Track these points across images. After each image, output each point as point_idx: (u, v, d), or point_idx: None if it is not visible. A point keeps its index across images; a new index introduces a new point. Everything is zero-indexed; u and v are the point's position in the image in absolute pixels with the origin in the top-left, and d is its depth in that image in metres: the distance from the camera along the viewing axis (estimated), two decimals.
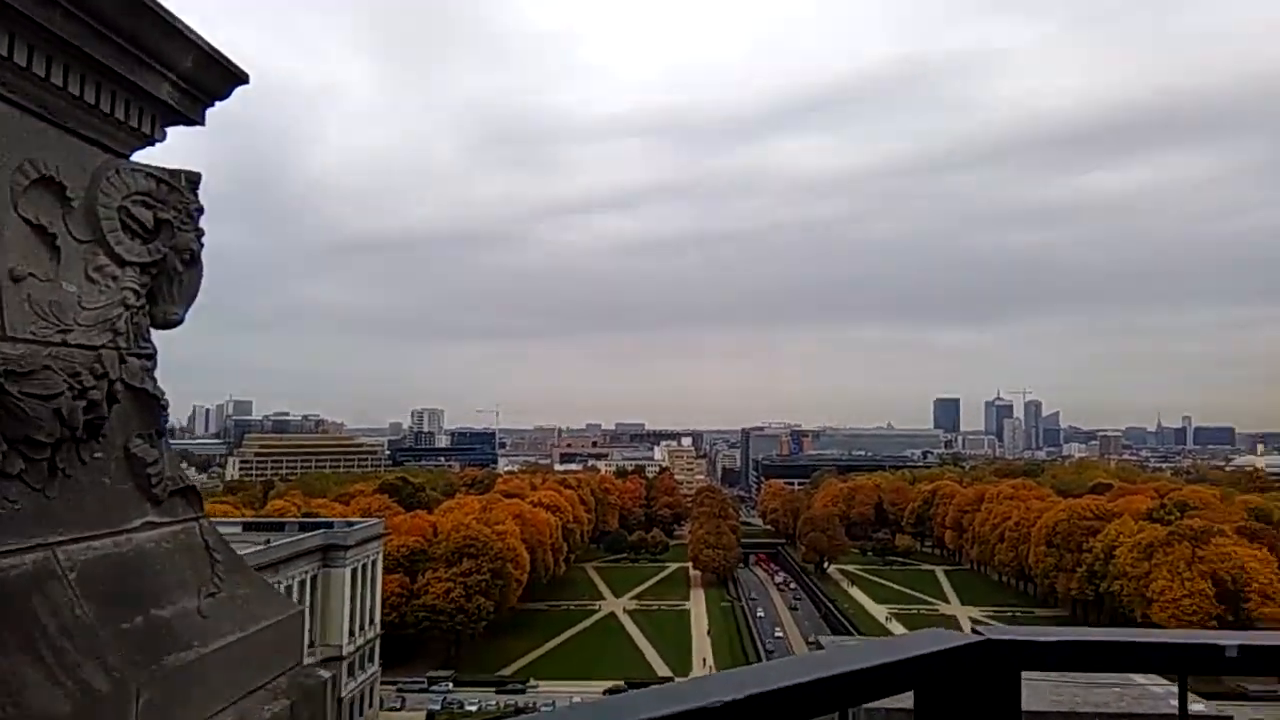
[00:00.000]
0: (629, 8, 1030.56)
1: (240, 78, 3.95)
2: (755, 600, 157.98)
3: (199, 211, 3.66)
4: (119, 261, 3.31)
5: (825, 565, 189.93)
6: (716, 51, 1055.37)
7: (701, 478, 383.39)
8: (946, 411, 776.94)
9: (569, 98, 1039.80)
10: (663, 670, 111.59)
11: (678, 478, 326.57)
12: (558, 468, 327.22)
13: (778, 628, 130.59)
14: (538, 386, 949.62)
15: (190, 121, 3.88)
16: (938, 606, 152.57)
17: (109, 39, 3.18)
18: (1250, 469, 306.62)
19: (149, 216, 3.43)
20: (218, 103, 4.00)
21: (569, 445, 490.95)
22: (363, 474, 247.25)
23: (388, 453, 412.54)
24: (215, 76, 3.82)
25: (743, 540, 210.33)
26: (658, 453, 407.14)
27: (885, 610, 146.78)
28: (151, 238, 3.45)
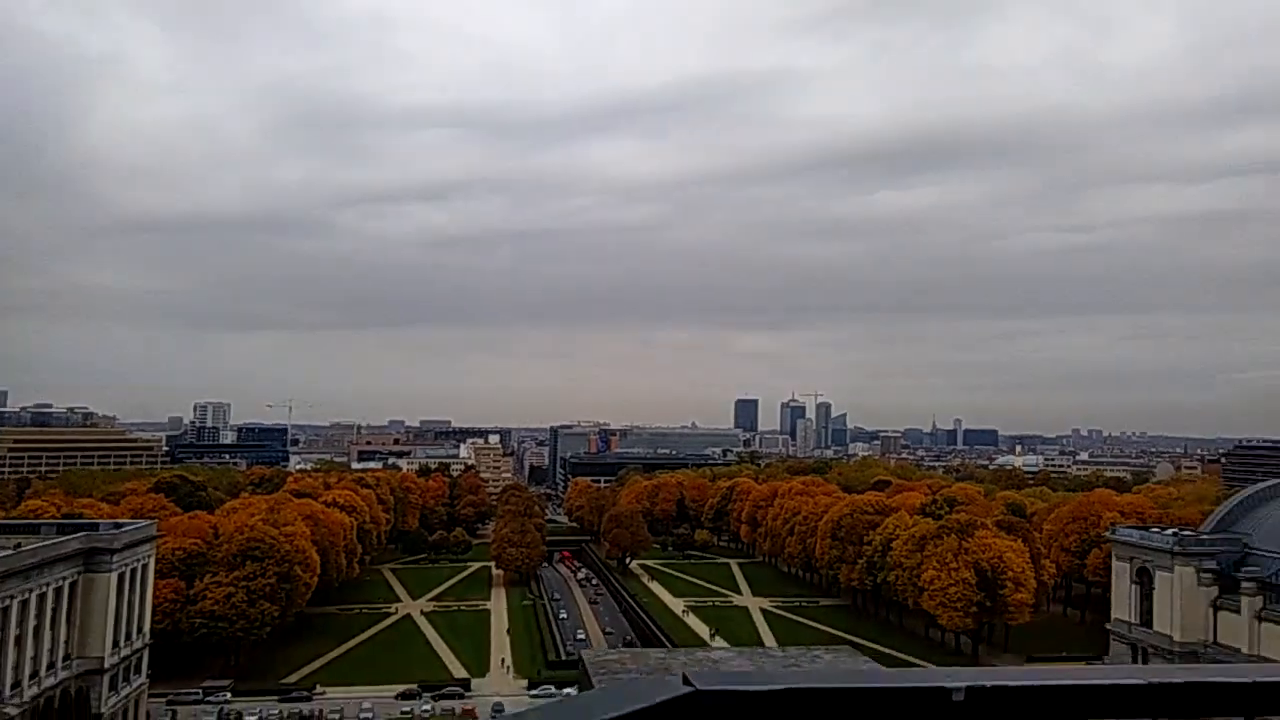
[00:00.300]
0: None
1: None
2: (559, 600, 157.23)
3: None
4: None
5: (627, 561, 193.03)
6: (534, 49, 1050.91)
7: (509, 476, 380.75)
8: (746, 412, 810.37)
9: (379, 84, 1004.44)
10: (459, 672, 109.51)
11: (484, 476, 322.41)
12: (355, 466, 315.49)
13: (580, 630, 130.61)
14: (336, 381, 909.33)
15: None
16: (731, 598, 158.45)
17: None
18: (1010, 468, 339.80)
19: None
20: None
21: (369, 443, 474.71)
22: (137, 472, 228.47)
23: (166, 449, 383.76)
24: None
25: (548, 538, 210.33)
26: (464, 450, 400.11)
27: (682, 603, 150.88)
28: None
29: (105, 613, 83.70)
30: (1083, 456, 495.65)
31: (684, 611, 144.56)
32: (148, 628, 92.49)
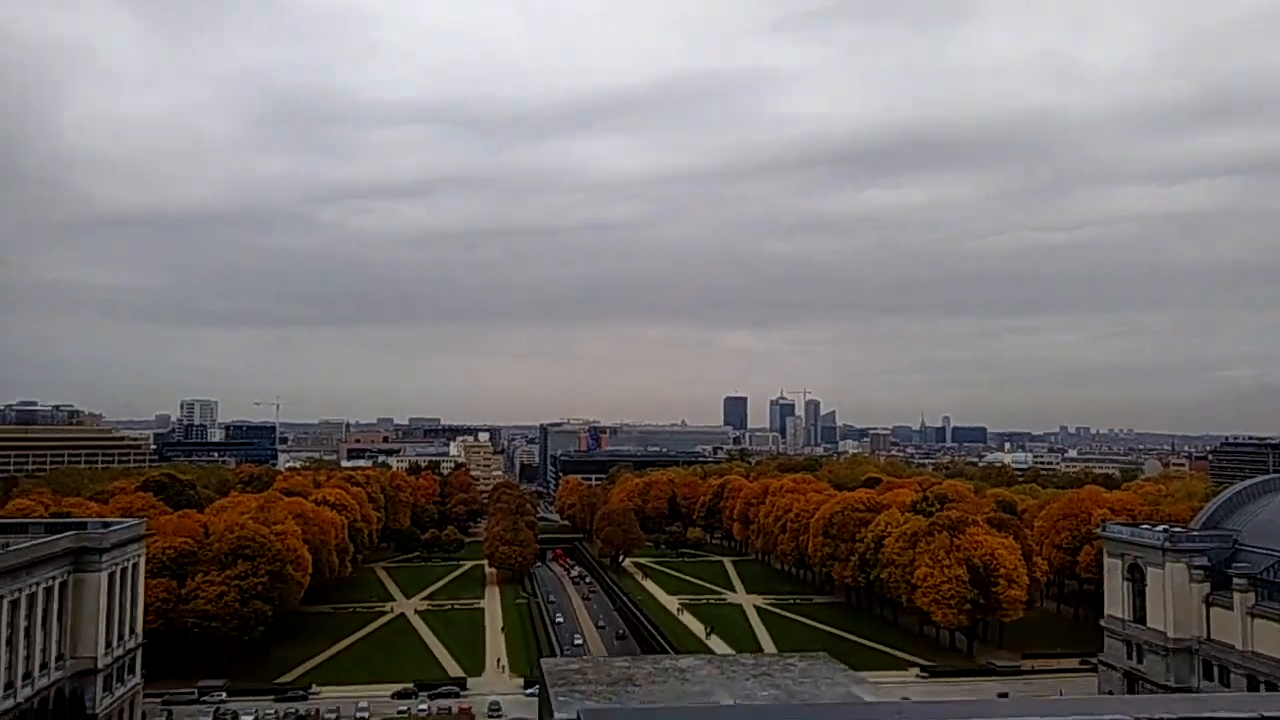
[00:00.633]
0: None
1: None
2: (554, 603, 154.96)
3: None
4: None
5: (620, 559, 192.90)
6: (517, 46, 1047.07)
7: (499, 474, 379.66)
8: (736, 409, 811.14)
9: (359, 79, 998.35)
10: (454, 670, 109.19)
11: (474, 474, 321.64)
12: (345, 464, 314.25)
13: (577, 635, 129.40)
14: (324, 378, 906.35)
15: None
16: (725, 596, 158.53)
17: None
18: (999, 465, 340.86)
19: None
20: None
21: (358, 440, 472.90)
22: (124, 470, 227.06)
23: (154, 447, 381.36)
24: None
25: (540, 536, 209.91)
26: (454, 448, 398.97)
27: (677, 601, 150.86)
28: None
29: (97, 612, 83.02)
30: (1071, 453, 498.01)
31: (679, 610, 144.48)
32: (140, 627, 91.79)
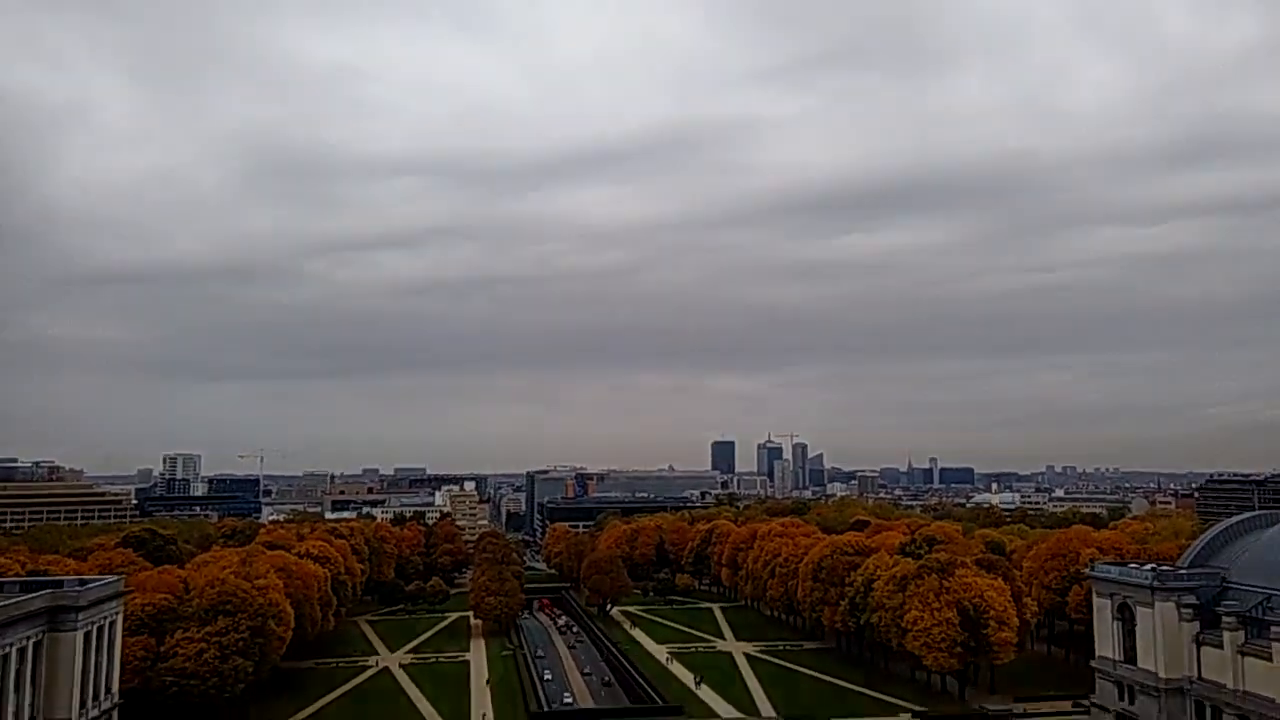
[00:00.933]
0: (413, 47, 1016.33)
1: None
2: (542, 658, 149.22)
3: None
4: None
5: (608, 607, 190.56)
6: (503, 98, 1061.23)
7: (485, 523, 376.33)
8: (723, 453, 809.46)
9: (347, 133, 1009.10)
10: None
11: (460, 523, 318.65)
12: (329, 516, 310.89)
13: (566, 693, 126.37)
14: (309, 431, 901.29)
15: None
16: (715, 644, 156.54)
17: None
18: (987, 505, 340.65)
19: None
20: None
21: (342, 492, 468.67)
22: (104, 526, 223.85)
23: (135, 502, 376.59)
24: None
25: (527, 585, 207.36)
26: (439, 498, 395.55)
27: (665, 650, 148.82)
28: None
29: (71, 672, 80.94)
30: (1059, 493, 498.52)
31: (668, 659, 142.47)
32: (116, 687, 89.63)
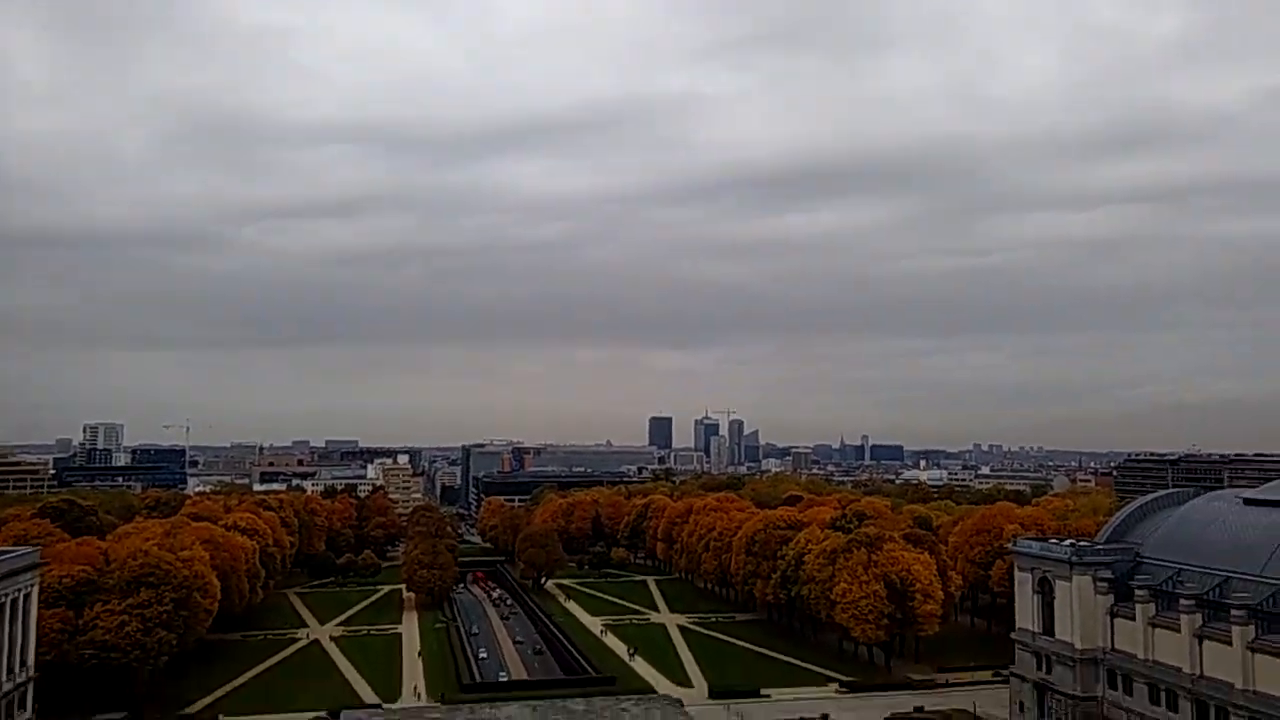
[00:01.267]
0: (348, 12, 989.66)
1: None
2: (476, 635, 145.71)
3: None
4: None
5: (543, 580, 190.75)
6: (442, 67, 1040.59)
7: (418, 496, 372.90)
8: (660, 429, 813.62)
9: (278, 99, 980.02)
10: (369, 697, 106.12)
11: (393, 496, 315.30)
12: (257, 488, 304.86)
13: (502, 671, 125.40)
14: (237, 402, 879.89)
15: None
16: (648, 616, 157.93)
17: None
18: (916, 482, 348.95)
19: None
20: None
21: (271, 464, 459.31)
22: (20, 497, 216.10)
23: (53, 472, 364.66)
24: None
25: (461, 559, 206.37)
26: (372, 471, 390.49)
27: (600, 622, 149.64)
28: None
29: None
30: (985, 470, 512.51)
31: (602, 631, 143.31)
32: (32, 660, 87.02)
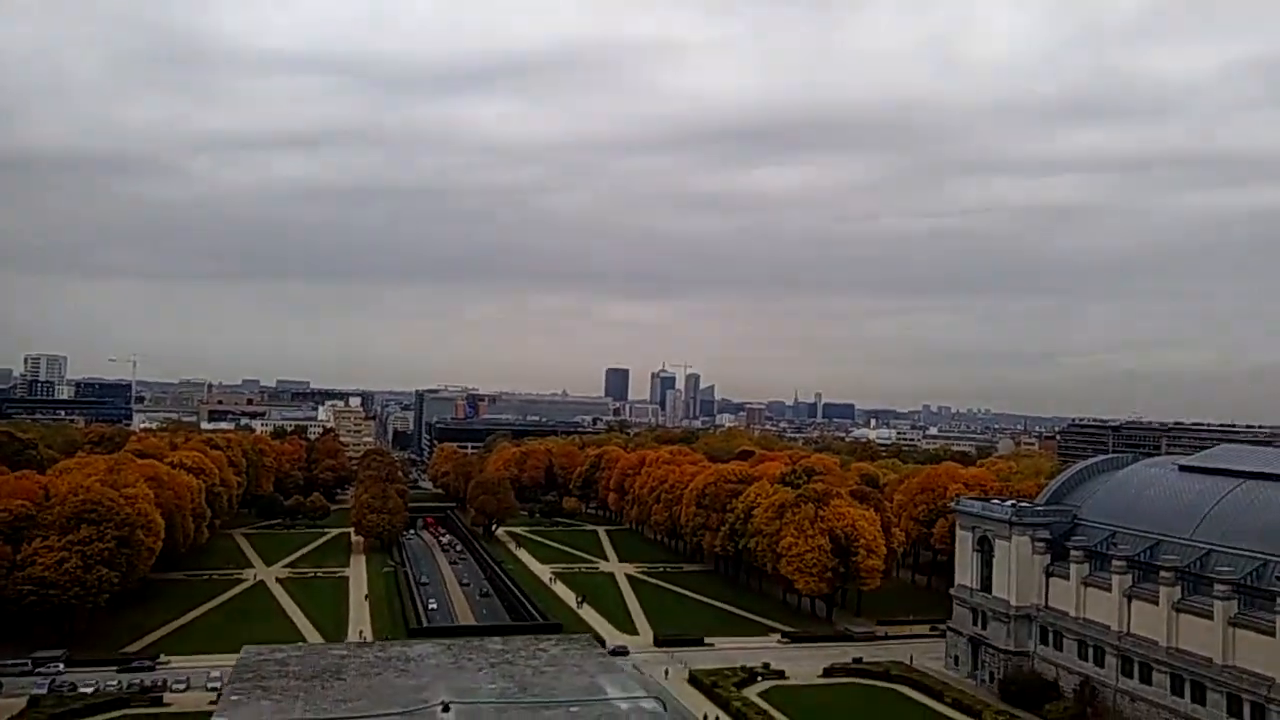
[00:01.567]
0: None
1: None
2: (426, 585, 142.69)
3: None
4: None
5: (494, 527, 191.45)
6: (410, 1, 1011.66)
7: (370, 440, 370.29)
8: (617, 381, 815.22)
9: (240, 24, 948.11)
10: (315, 639, 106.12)
11: (344, 439, 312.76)
12: (205, 426, 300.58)
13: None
14: (187, 337, 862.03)
15: None
16: (598, 565, 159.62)
17: None
18: (865, 440, 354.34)
19: None
20: None
21: (220, 402, 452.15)
22: None
23: None
24: None
25: (411, 504, 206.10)
26: (323, 413, 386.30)
27: (549, 570, 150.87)
28: None
29: None
30: (932, 431, 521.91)
31: (551, 579, 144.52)
32: None
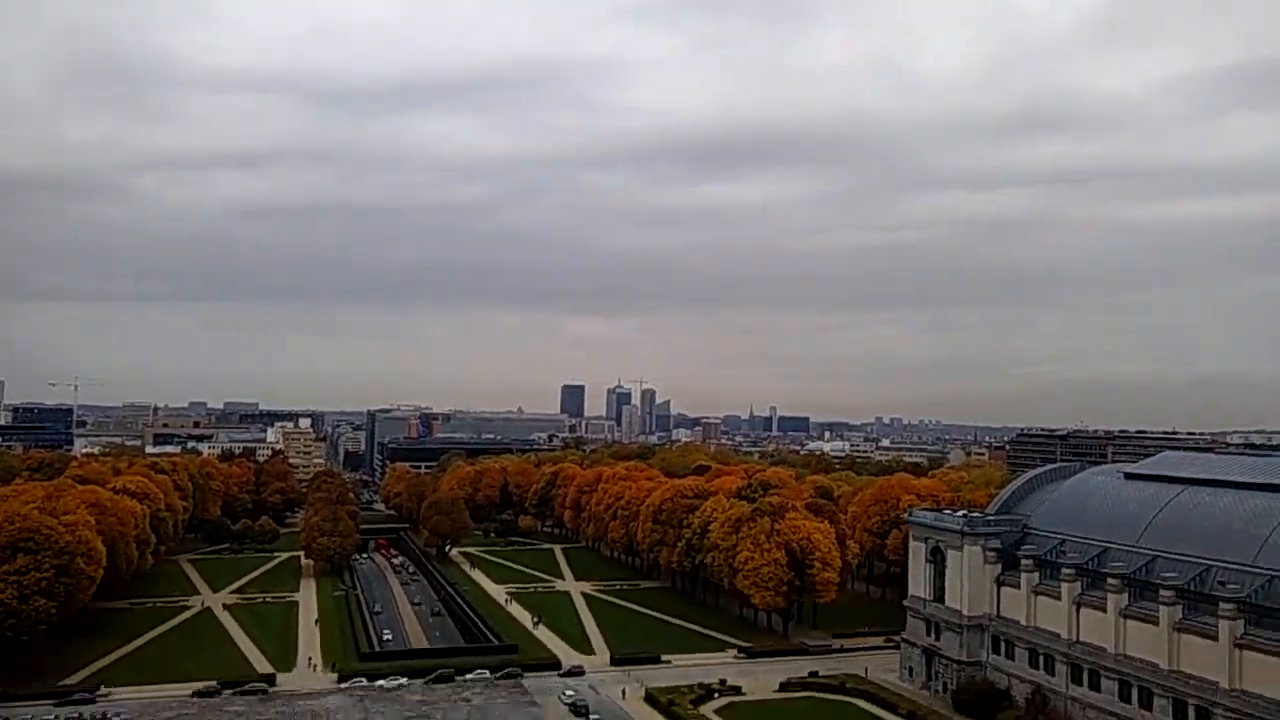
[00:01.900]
0: None
1: None
2: (380, 613, 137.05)
3: None
4: None
5: (448, 548, 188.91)
6: (362, 18, 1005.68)
7: (320, 461, 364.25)
8: (573, 397, 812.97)
9: (185, 42, 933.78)
10: (263, 667, 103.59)
11: (294, 461, 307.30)
12: (150, 450, 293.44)
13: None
14: (131, 359, 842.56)
15: None
16: (554, 584, 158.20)
17: None
18: (819, 453, 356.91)
19: None
20: None
21: (165, 425, 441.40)
22: None
23: None
24: None
25: (363, 526, 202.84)
26: (271, 434, 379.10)
27: (504, 591, 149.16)
28: None
29: None
30: (885, 442, 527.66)
31: (507, 600, 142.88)
32: None
